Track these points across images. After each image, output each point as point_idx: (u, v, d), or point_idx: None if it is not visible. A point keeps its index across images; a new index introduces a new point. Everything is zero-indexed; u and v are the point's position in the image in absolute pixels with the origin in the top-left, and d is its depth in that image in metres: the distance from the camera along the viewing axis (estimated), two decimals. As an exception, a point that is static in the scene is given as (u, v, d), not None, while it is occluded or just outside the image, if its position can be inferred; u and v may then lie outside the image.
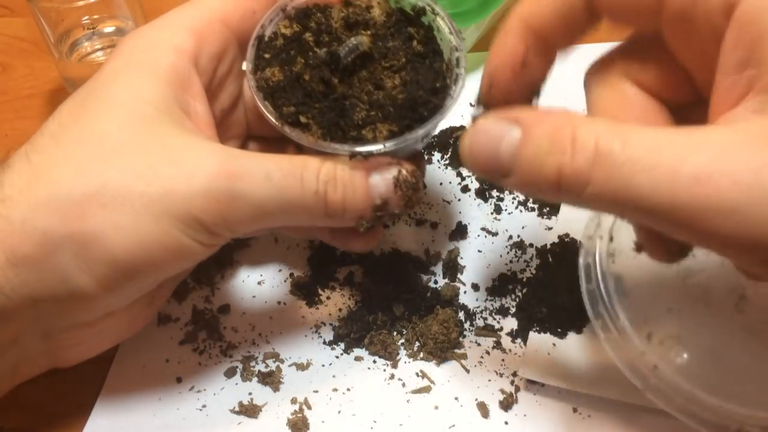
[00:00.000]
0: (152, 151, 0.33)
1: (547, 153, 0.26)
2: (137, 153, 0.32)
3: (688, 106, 0.31)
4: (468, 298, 0.45)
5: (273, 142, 0.43)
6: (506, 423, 0.39)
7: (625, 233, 0.40)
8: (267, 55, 0.37)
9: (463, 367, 0.42)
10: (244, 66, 0.38)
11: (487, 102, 0.34)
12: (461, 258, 0.47)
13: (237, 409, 0.40)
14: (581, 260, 0.40)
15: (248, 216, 0.33)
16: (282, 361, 0.42)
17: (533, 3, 0.31)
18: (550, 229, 0.48)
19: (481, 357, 0.42)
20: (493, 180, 0.29)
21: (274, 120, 0.35)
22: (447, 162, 0.52)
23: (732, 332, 0.38)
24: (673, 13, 0.28)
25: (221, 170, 0.32)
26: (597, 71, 0.32)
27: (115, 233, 0.31)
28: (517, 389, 0.40)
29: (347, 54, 0.36)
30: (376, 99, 0.36)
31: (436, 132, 0.52)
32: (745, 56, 0.26)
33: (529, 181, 0.27)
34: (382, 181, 0.35)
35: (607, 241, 0.40)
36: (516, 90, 0.33)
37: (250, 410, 0.40)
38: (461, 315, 0.44)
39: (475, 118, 0.31)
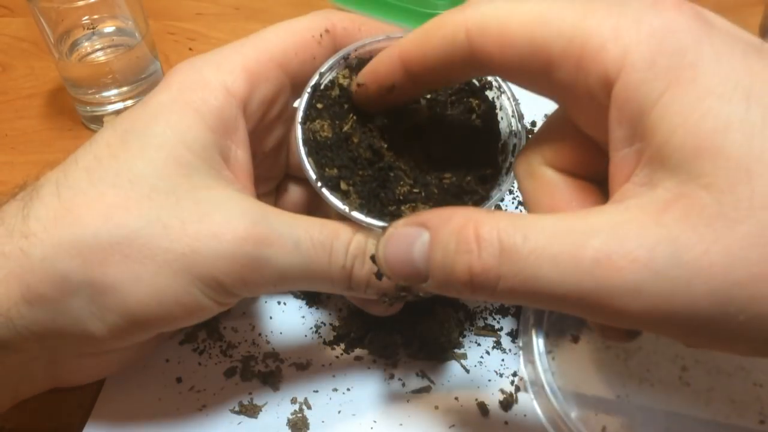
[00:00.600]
0: (184, 203, 0.32)
1: (455, 253, 0.26)
2: (169, 203, 0.32)
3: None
4: (468, 298, 0.45)
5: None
6: (506, 423, 0.39)
7: (558, 326, 0.40)
8: (320, 105, 0.35)
9: (463, 367, 0.42)
10: (296, 104, 0.36)
11: (355, 94, 0.35)
12: (461, 258, 0.47)
13: (237, 409, 0.40)
14: (522, 362, 0.40)
15: (270, 281, 0.33)
16: (282, 361, 0.42)
17: (413, 44, 0.31)
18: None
19: (481, 357, 0.42)
20: (414, 285, 0.30)
21: (313, 180, 0.34)
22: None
23: (683, 406, 0.38)
24: (560, 85, 0.27)
25: (250, 234, 0.32)
26: (521, 163, 0.32)
27: (133, 285, 0.31)
28: (517, 389, 0.40)
29: (400, 121, 0.35)
30: (422, 174, 0.35)
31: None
32: (630, 131, 0.26)
33: (444, 283, 0.27)
34: None
35: (543, 338, 0.40)
36: (381, 101, 0.34)
37: (250, 410, 0.40)
38: (461, 315, 0.44)
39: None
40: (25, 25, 0.70)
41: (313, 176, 0.34)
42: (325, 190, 0.34)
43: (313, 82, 0.36)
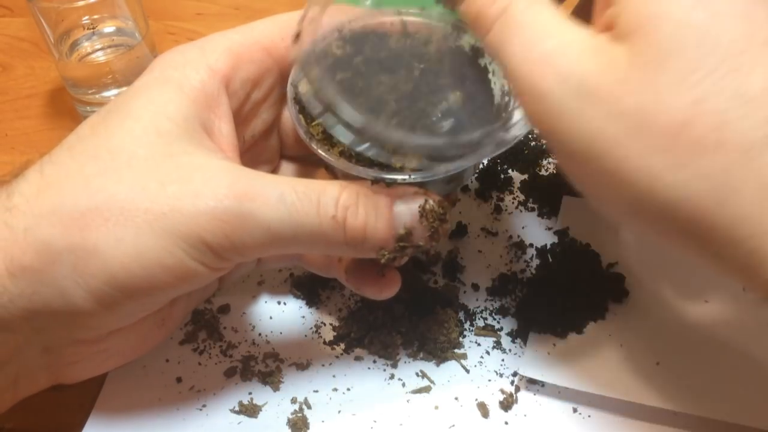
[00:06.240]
0: (163, 167, 0.32)
1: None
2: (148, 168, 0.32)
3: None
4: (468, 298, 0.45)
5: (307, 164, 0.43)
6: (506, 423, 0.39)
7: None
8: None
9: (463, 367, 0.42)
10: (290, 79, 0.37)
11: None
12: (461, 258, 0.47)
13: (237, 408, 0.40)
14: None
15: (258, 240, 0.32)
16: (282, 361, 0.42)
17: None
18: (550, 229, 0.48)
19: (481, 357, 0.42)
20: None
21: (302, 133, 0.34)
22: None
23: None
24: None
25: (231, 190, 0.31)
26: None
27: (114, 248, 0.31)
28: (517, 389, 0.40)
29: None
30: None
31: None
32: None
33: None
34: (407, 209, 0.33)
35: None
36: None
37: (250, 410, 0.40)
38: (461, 315, 0.44)
39: None
40: (25, 25, 0.70)
41: (302, 131, 0.34)
42: (314, 143, 0.34)
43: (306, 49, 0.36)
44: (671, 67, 0.24)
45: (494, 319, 0.44)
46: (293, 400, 0.40)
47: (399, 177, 0.33)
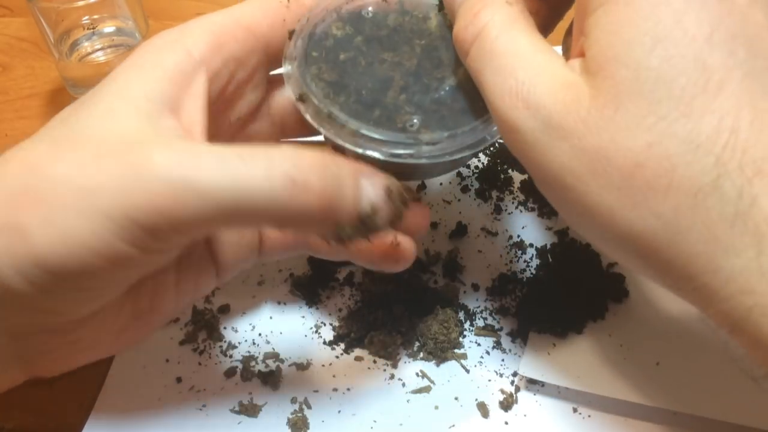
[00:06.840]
0: (105, 145, 0.30)
1: None
2: (91, 146, 0.30)
3: None
4: (468, 298, 0.45)
5: (310, 148, 0.42)
6: (506, 423, 0.39)
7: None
8: (315, 53, 0.36)
9: (463, 367, 0.42)
10: (283, 69, 0.36)
11: None
12: (461, 258, 0.47)
13: (237, 409, 0.40)
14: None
15: (196, 213, 0.28)
16: (282, 361, 0.42)
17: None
18: (550, 229, 0.48)
19: (481, 357, 0.42)
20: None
21: (308, 116, 0.34)
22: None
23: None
24: None
25: (166, 162, 0.28)
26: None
27: (43, 229, 0.29)
28: (517, 389, 0.40)
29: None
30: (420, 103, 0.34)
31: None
32: (579, 25, 0.29)
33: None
34: (372, 187, 0.31)
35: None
36: None
37: (250, 410, 0.40)
38: (461, 315, 0.44)
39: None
40: (25, 25, 0.70)
41: (308, 114, 0.34)
42: (318, 124, 0.34)
43: (308, 31, 0.36)
44: (627, 110, 0.26)
45: (494, 319, 0.44)
46: (293, 400, 0.40)
47: (407, 152, 0.33)
